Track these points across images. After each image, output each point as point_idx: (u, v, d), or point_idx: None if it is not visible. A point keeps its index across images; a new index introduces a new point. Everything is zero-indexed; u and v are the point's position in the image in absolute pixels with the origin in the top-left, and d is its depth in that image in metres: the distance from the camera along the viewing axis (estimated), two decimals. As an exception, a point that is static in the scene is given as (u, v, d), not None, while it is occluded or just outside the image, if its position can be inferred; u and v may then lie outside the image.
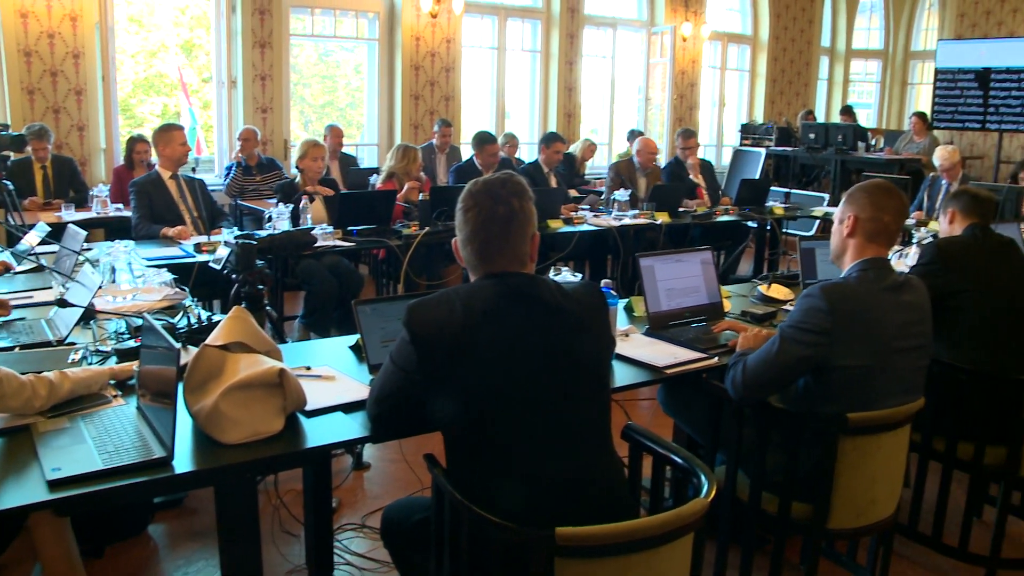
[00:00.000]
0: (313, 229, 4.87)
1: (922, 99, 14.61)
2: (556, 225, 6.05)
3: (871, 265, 2.62)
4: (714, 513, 2.81)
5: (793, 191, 9.41)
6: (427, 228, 5.45)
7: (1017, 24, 12.90)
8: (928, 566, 3.36)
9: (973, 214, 3.58)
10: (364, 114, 9.73)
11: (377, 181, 6.59)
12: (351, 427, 2.29)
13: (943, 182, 7.28)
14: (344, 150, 8.29)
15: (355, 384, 2.57)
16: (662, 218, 6.51)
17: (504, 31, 10.34)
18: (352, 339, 2.96)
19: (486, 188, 2.05)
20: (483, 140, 7.15)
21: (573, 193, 8.07)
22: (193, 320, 2.96)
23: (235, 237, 3.54)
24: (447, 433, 2.05)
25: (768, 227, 7.59)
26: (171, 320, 3.00)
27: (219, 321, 2.42)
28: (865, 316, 2.55)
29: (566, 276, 3.25)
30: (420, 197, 6.03)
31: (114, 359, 2.70)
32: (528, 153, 10.25)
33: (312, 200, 5.77)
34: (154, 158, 6.33)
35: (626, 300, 3.65)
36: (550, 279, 2.13)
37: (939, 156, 7.29)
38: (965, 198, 3.64)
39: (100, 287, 3.29)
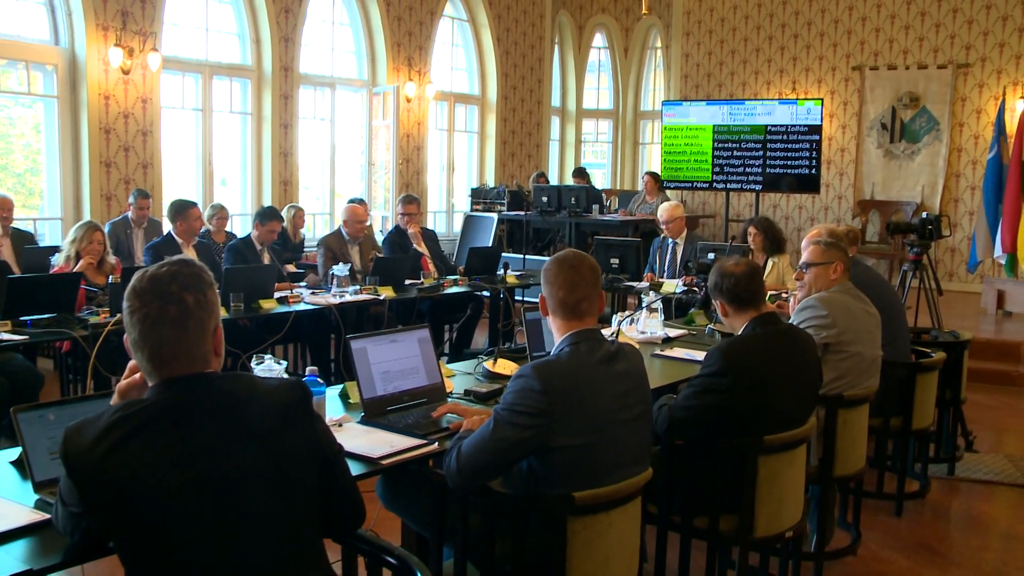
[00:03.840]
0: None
1: (654, 158, 15.69)
2: (269, 305, 5.95)
3: (581, 338, 2.76)
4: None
5: (527, 256, 9.83)
6: (119, 315, 5.19)
7: (735, 87, 14.29)
8: (673, 638, 3.56)
9: (746, 307, 3.61)
10: (45, 182, 9.16)
11: (58, 261, 6.23)
12: (4, 562, 2.11)
13: (670, 241, 7.87)
14: (19, 224, 7.76)
15: (13, 508, 2.37)
16: (386, 293, 6.57)
17: (210, 91, 10.14)
18: (15, 452, 2.75)
19: (153, 285, 1.95)
20: (181, 207, 6.94)
21: (291, 268, 7.99)
22: None
23: None
24: (126, 565, 1.93)
25: (501, 296, 7.84)
26: None
27: None
28: (581, 392, 2.66)
29: (270, 364, 3.20)
30: (110, 279, 5.75)
31: None
32: (241, 226, 10.07)
33: None
34: None
35: (340, 386, 3.64)
36: (244, 375, 2.09)
37: (662, 211, 7.88)
38: (727, 295, 3.59)
39: None
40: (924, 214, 7.83)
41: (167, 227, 8.05)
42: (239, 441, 1.93)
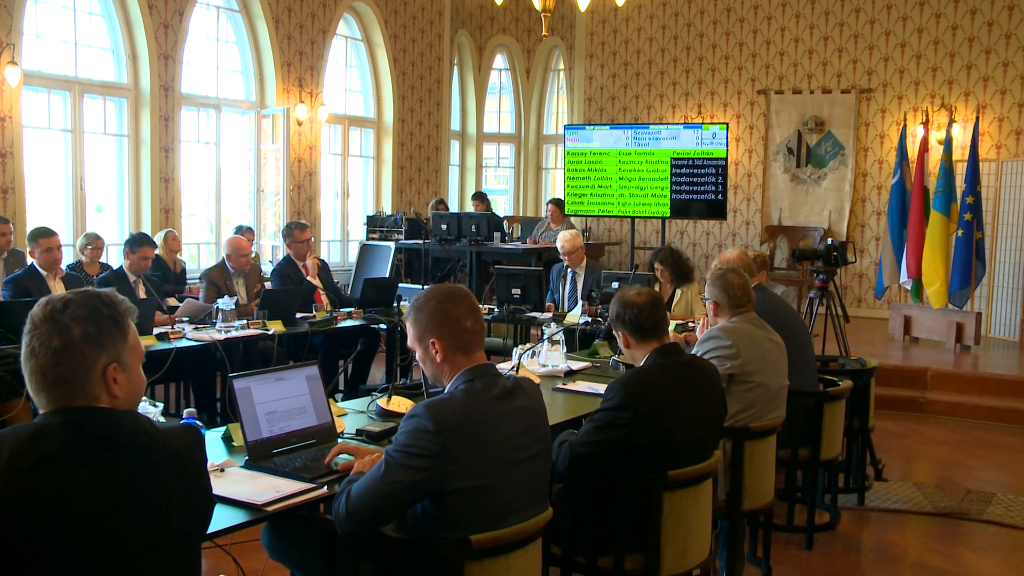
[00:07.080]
0: None
1: (558, 184, 15.80)
2: (147, 342, 5.82)
3: (476, 374, 2.78)
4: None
5: (426, 287, 9.77)
6: (-23, 356, 5.04)
7: (640, 110, 14.55)
8: None
9: (648, 338, 3.65)
10: None
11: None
12: None
13: (571, 270, 7.95)
14: None
15: None
16: (276, 327, 6.49)
17: (80, 110, 9.86)
18: None
19: (44, 311, 1.99)
20: (32, 235, 6.83)
21: (172, 302, 7.83)
22: None
23: None
24: None
25: (399, 329, 7.79)
26: None
27: None
28: (477, 431, 2.67)
29: (144, 406, 3.13)
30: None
31: None
32: (119, 256, 9.82)
33: None
34: None
35: (223, 428, 3.58)
36: (143, 416, 2.07)
37: (563, 241, 7.96)
38: (629, 326, 3.65)
39: None
40: (830, 240, 8.06)
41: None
42: (125, 482, 1.93)
